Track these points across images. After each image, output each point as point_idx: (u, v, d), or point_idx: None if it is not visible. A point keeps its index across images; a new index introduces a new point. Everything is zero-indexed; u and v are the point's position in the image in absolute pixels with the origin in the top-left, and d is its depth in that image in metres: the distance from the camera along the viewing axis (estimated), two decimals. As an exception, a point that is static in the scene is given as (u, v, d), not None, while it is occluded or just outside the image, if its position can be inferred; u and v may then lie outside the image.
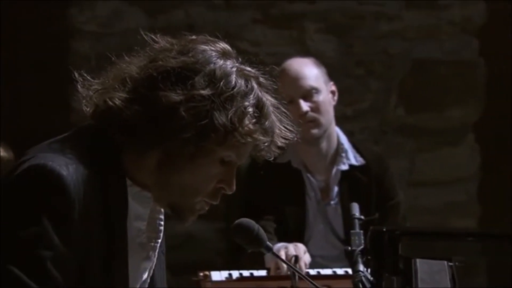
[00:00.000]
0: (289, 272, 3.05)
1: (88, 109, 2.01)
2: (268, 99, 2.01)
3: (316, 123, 3.52)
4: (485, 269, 3.36)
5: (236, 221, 2.28)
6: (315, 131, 3.52)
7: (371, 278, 2.46)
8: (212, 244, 4.45)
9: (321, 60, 3.75)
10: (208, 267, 3.23)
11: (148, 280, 2.09)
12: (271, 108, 2.00)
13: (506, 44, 4.86)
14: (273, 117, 2.00)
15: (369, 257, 2.60)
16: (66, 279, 1.86)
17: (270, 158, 2.06)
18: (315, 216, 3.58)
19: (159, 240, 2.08)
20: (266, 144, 2.00)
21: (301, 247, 3.29)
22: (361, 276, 2.45)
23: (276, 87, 2.04)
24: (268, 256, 3.30)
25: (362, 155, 3.61)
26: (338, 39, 4.63)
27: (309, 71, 3.57)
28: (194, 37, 2.02)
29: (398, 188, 3.68)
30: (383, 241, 2.60)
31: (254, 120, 1.97)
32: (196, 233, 4.49)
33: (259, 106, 1.98)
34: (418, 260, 2.38)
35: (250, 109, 1.96)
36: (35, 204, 1.85)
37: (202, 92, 1.92)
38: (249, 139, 1.97)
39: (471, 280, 2.22)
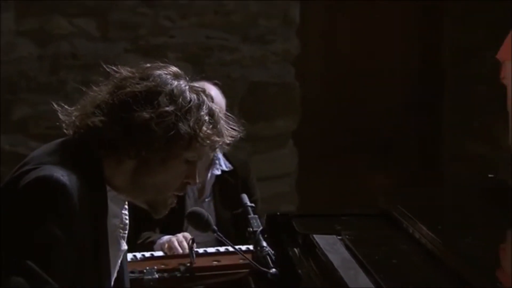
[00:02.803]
0: (185, 251, 3.11)
1: (69, 131, 2.02)
2: (216, 107, 2.05)
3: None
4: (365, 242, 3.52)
5: (190, 209, 2.37)
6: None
7: (273, 252, 2.50)
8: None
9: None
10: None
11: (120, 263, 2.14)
12: (220, 114, 2.04)
13: (313, 71, 5.10)
14: (222, 121, 2.04)
15: (265, 236, 2.57)
16: (69, 269, 1.89)
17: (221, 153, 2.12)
18: None
19: (127, 231, 2.12)
20: (220, 143, 2.04)
21: (187, 235, 3.30)
22: (266, 251, 2.49)
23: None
24: (157, 245, 3.33)
25: (230, 162, 3.59)
26: (192, 65, 4.59)
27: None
28: (149, 65, 2.06)
29: (257, 188, 3.71)
30: (279, 222, 2.64)
31: (210, 126, 2.01)
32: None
33: (211, 113, 2.02)
34: (315, 235, 2.38)
35: (206, 117, 2.00)
36: (45, 209, 1.87)
37: (167, 108, 1.96)
38: (208, 142, 2.01)
39: (359, 250, 2.39)
